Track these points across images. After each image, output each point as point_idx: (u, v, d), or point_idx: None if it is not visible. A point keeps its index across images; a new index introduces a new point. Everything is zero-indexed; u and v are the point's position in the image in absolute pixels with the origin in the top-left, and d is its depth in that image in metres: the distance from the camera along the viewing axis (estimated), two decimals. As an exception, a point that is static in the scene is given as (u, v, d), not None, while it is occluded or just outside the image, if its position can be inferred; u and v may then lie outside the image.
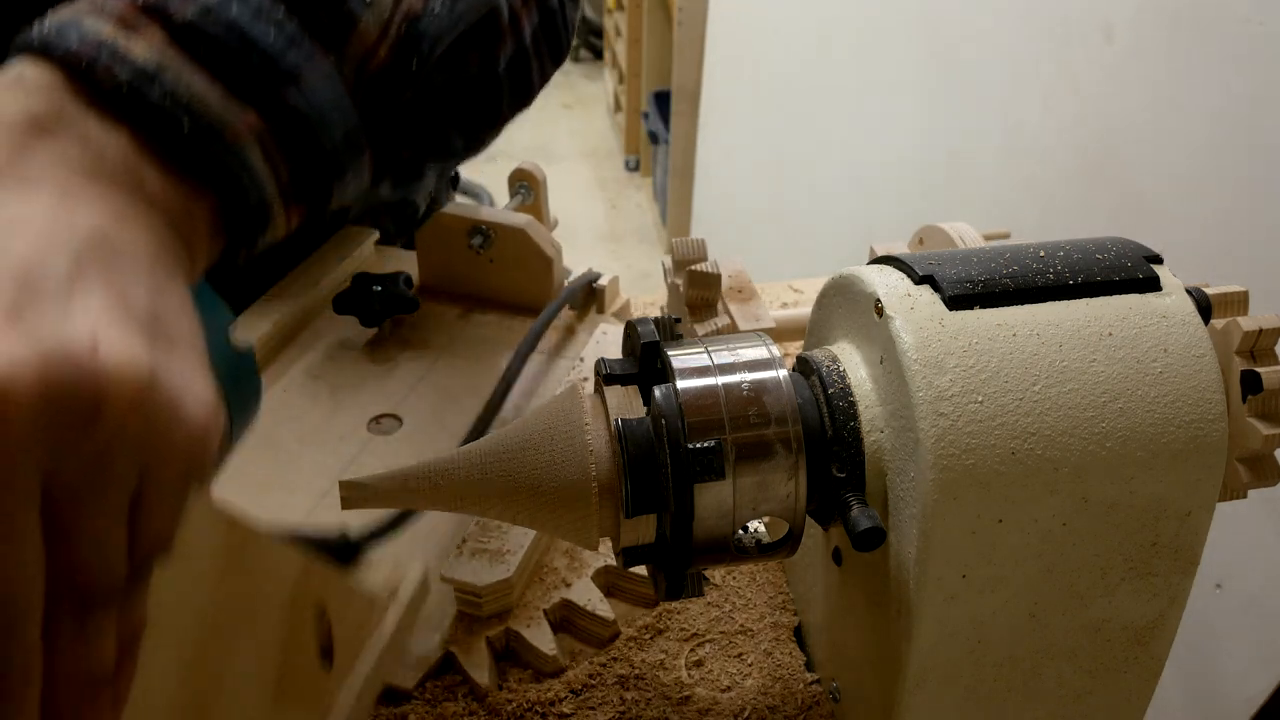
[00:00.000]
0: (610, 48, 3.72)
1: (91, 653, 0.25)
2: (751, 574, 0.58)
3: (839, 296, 0.44)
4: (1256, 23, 0.78)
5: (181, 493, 0.27)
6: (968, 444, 0.37)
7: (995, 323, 0.39)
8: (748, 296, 0.64)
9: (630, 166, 3.57)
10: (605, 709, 0.50)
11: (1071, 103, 1.04)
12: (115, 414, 0.24)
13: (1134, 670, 0.44)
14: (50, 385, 0.23)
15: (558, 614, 0.54)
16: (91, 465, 0.24)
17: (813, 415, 0.41)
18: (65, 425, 0.23)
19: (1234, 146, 0.82)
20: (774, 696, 0.51)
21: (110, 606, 0.26)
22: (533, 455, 0.40)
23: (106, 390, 0.24)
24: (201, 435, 0.27)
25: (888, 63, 1.48)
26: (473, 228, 0.73)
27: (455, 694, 0.51)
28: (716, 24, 2.20)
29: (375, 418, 0.66)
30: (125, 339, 0.25)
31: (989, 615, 0.40)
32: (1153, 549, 0.40)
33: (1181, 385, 0.39)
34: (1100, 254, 0.42)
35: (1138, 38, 0.93)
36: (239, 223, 0.37)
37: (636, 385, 0.43)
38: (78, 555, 0.25)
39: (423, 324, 0.75)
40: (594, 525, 0.40)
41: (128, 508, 0.26)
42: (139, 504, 0.26)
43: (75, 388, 0.23)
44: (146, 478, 0.26)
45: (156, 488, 0.26)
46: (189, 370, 0.28)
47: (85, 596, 0.25)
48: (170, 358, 0.27)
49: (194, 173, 0.34)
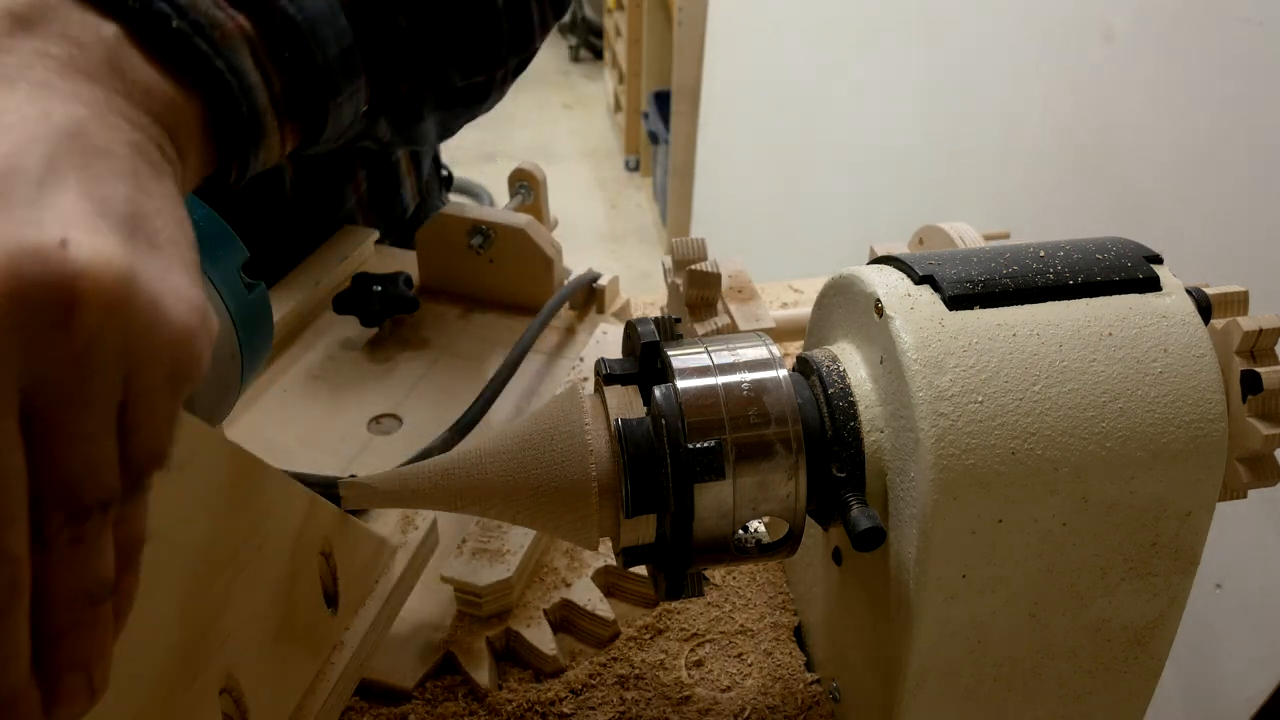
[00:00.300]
0: (610, 48, 3.72)
1: (88, 563, 0.25)
2: (751, 574, 0.58)
3: (839, 296, 0.44)
4: (1256, 23, 0.78)
5: (170, 400, 0.26)
6: (968, 444, 0.37)
7: (995, 323, 0.39)
8: (748, 296, 0.64)
9: (630, 166, 3.57)
10: (605, 709, 0.50)
11: (1071, 102, 1.04)
12: (91, 315, 0.23)
13: (1134, 670, 0.44)
14: (18, 284, 0.22)
15: (558, 614, 0.54)
16: (71, 370, 0.23)
17: (813, 415, 0.41)
18: (39, 327, 0.23)
19: (1234, 146, 0.82)
20: (774, 696, 0.51)
21: (105, 518, 0.25)
22: (533, 455, 0.40)
23: (79, 289, 0.23)
24: (186, 338, 0.26)
25: (888, 63, 1.48)
26: (473, 228, 0.73)
27: (455, 694, 0.51)
28: (716, 24, 2.20)
29: (375, 418, 0.66)
30: (98, 237, 0.24)
31: (989, 615, 0.40)
32: (1153, 549, 0.40)
33: (1181, 385, 0.39)
34: (1100, 254, 0.42)
35: (1137, 37, 0.93)
36: (231, 132, 0.36)
37: (636, 385, 0.43)
38: (66, 465, 0.24)
39: (423, 324, 0.75)
40: (594, 525, 0.40)
41: (114, 416, 0.25)
42: (126, 412, 0.25)
43: (45, 287, 0.23)
44: (131, 384, 0.25)
45: (142, 394, 0.25)
46: (172, 271, 0.27)
47: (77, 507, 0.24)
48: (151, 258, 0.26)
49: (181, 70, 0.33)
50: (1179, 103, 0.88)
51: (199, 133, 0.35)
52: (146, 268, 0.25)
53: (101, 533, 0.25)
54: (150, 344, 0.25)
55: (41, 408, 0.23)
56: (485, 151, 3.61)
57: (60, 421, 0.24)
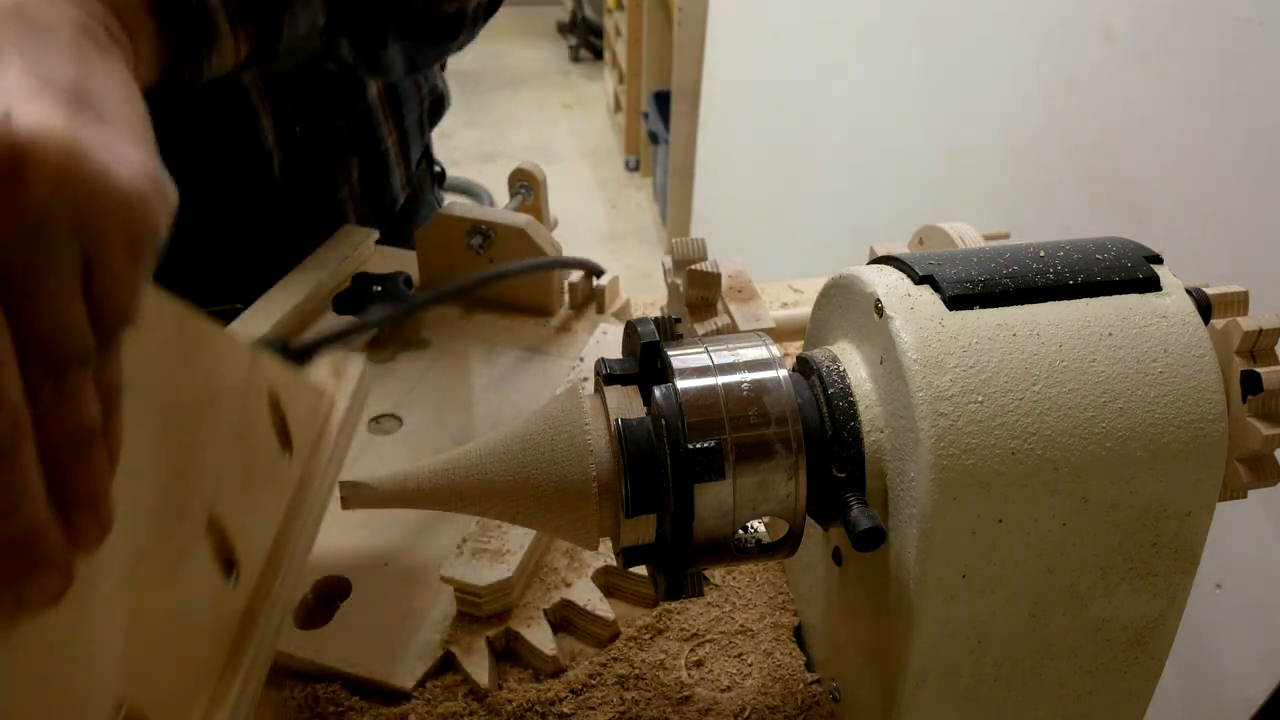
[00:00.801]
0: (610, 48, 3.72)
1: (74, 409, 0.27)
2: (751, 574, 0.58)
3: (839, 296, 0.44)
4: (1256, 23, 0.78)
5: (131, 263, 0.28)
6: (968, 444, 0.37)
7: (995, 323, 0.39)
8: (748, 296, 0.64)
9: (630, 166, 3.57)
10: (605, 709, 0.50)
11: (1071, 102, 1.04)
12: (40, 184, 0.24)
13: (1134, 670, 0.44)
14: None
15: (558, 614, 0.54)
16: (29, 238, 0.25)
17: (813, 415, 0.41)
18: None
19: (1234, 146, 0.82)
20: (774, 696, 0.51)
21: (83, 370, 0.27)
22: (533, 455, 0.40)
23: (25, 159, 0.24)
24: (139, 203, 0.27)
25: (888, 62, 1.48)
26: (473, 228, 0.73)
27: (455, 694, 0.51)
28: (716, 24, 2.20)
29: (375, 418, 0.66)
30: (43, 108, 0.25)
31: (989, 615, 0.40)
32: (1153, 549, 0.40)
33: (1181, 385, 0.39)
34: (1100, 254, 0.42)
35: (1137, 38, 0.93)
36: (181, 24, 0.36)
37: (636, 385, 0.43)
38: (40, 326, 0.26)
39: (423, 324, 0.75)
40: (594, 525, 0.40)
41: (78, 280, 0.26)
42: (91, 278, 0.27)
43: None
44: (90, 251, 0.26)
45: (102, 261, 0.27)
46: (120, 141, 0.28)
47: (55, 362, 0.26)
48: (98, 129, 0.27)
49: None
50: (1179, 103, 0.88)
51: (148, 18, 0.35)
52: (93, 137, 0.26)
53: (83, 384, 0.27)
54: (102, 211, 0.26)
55: (7, 275, 0.25)
56: (485, 151, 3.61)
57: (27, 287, 0.25)
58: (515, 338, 0.74)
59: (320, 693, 0.50)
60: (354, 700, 0.50)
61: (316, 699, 0.49)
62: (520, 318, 0.76)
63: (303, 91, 0.75)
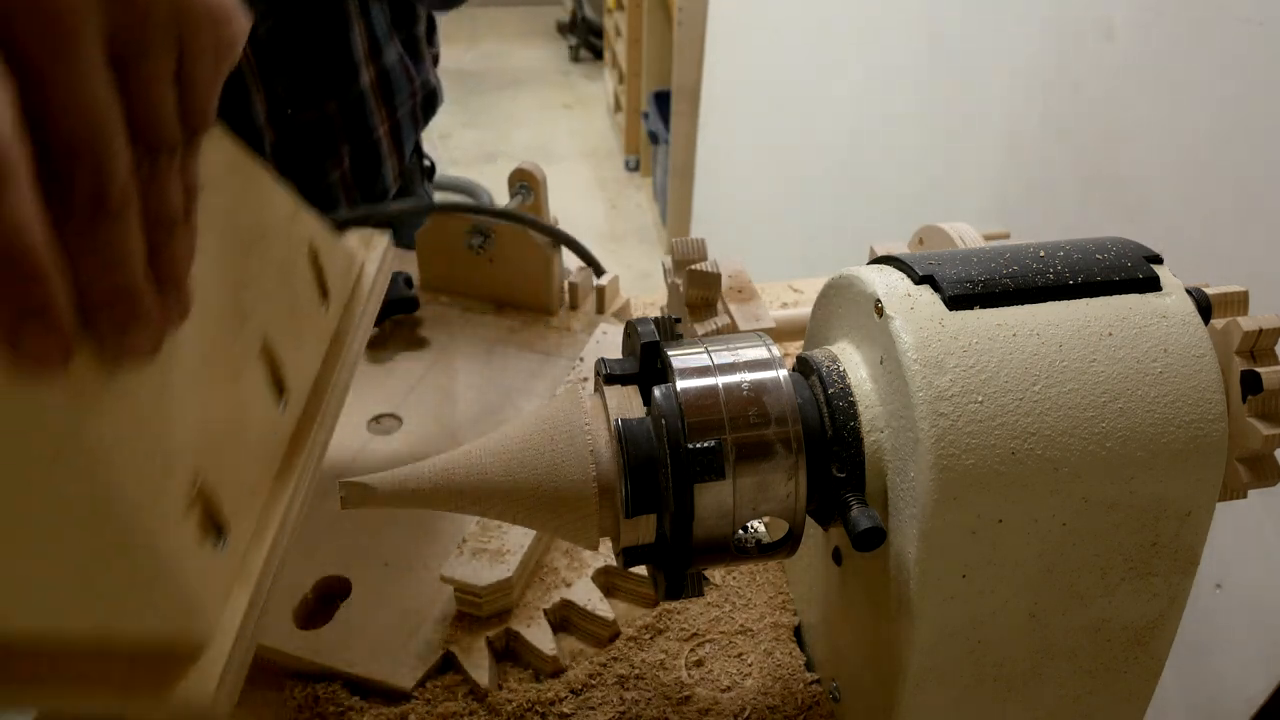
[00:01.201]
0: (610, 48, 3.72)
1: (165, 193, 0.30)
2: (751, 574, 0.58)
3: (839, 296, 0.44)
4: (1256, 23, 0.78)
5: (213, 69, 0.31)
6: (968, 444, 0.37)
7: (995, 323, 0.39)
8: (748, 296, 0.64)
9: (630, 166, 3.57)
10: (605, 709, 0.50)
11: (1071, 102, 1.04)
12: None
13: (1134, 670, 0.44)
14: None
15: (558, 614, 0.54)
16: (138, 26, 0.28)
17: (813, 415, 0.41)
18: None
19: (1234, 146, 0.82)
20: (774, 696, 0.51)
21: (172, 157, 0.31)
22: (533, 456, 0.40)
23: None
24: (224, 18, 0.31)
25: (887, 62, 1.48)
26: (473, 228, 0.73)
27: (455, 694, 0.51)
28: (716, 24, 2.20)
29: (375, 418, 0.66)
30: None
31: (989, 615, 0.40)
32: (1153, 549, 0.40)
33: (1181, 385, 0.39)
34: (1100, 254, 0.42)
35: (1138, 37, 0.93)
36: None
37: (636, 385, 0.43)
38: (142, 107, 0.29)
39: (423, 324, 0.75)
40: (594, 525, 0.40)
41: (173, 68, 0.30)
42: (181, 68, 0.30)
43: None
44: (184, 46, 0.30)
45: (194, 55, 0.30)
46: None
47: (152, 144, 0.30)
48: None
49: None
50: (1179, 102, 0.88)
51: None
52: None
53: (171, 172, 0.31)
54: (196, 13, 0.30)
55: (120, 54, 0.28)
56: (485, 151, 3.61)
57: (136, 64, 0.29)
58: (515, 338, 0.74)
59: (320, 693, 0.50)
60: (354, 700, 0.50)
61: (316, 699, 0.49)
62: (520, 317, 0.76)
63: (295, 73, 0.76)
